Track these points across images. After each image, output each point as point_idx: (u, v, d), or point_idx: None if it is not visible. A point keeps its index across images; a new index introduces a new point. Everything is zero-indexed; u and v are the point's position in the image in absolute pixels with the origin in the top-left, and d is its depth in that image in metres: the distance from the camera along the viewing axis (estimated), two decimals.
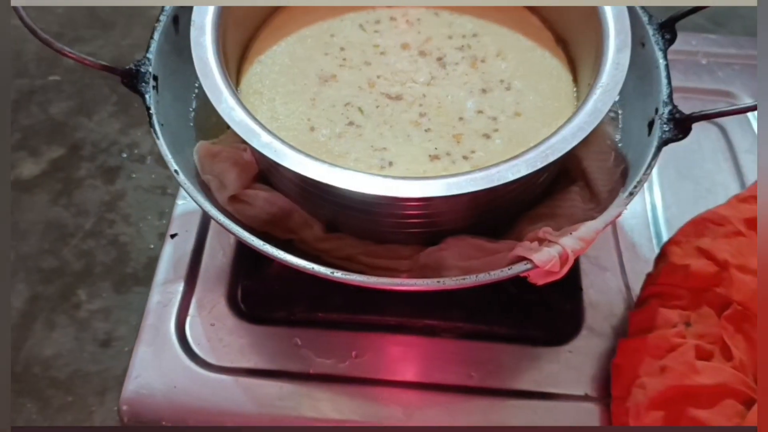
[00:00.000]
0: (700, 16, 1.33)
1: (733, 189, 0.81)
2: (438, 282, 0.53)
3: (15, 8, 0.58)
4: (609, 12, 0.61)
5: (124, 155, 1.15)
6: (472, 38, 0.69)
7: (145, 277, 1.03)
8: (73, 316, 1.00)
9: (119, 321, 1.00)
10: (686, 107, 0.79)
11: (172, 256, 0.75)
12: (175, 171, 0.58)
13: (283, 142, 0.54)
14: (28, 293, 1.01)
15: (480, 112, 0.65)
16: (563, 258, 0.54)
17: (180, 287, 0.73)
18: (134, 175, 1.13)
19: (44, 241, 1.06)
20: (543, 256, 0.53)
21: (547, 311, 0.72)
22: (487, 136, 0.63)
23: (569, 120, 0.55)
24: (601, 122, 0.55)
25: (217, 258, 0.75)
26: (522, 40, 0.69)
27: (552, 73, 0.67)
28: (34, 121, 1.17)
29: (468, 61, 0.68)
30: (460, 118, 0.64)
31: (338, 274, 0.53)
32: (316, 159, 0.53)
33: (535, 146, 0.54)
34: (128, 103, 1.17)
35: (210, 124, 0.68)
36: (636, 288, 0.74)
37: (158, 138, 0.59)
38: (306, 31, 0.69)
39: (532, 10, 0.72)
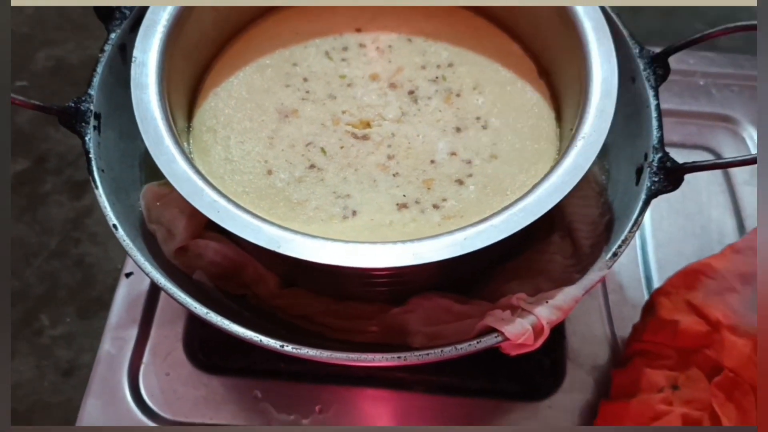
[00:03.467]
0: (700, 23, 1.27)
1: (730, 226, 0.76)
2: (399, 357, 0.48)
3: None
4: (595, 47, 0.55)
5: None
6: (448, 69, 0.64)
7: (111, 301, 0.98)
8: (35, 343, 0.95)
9: (83, 348, 0.95)
10: (682, 133, 0.74)
11: (126, 298, 0.70)
12: (114, 226, 0.52)
13: (228, 200, 0.48)
14: None
15: (453, 154, 0.59)
16: (537, 329, 0.49)
17: (134, 332, 0.68)
18: None
19: None
20: (515, 329, 0.48)
21: (526, 362, 0.67)
22: (460, 182, 0.58)
23: (547, 176, 0.50)
24: (582, 178, 0.49)
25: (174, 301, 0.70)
26: (501, 71, 0.64)
27: (533, 110, 0.62)
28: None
29: (442, 95, 0.62)
30: (432, 161, 0.59)
31: (289, 348, 0.48)
32: (265, 221, 0.47)
33: (508, 207, 0.48)
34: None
35: None
36: (622, 333, 0.70)
37: (96, 187, 0.54)
38: (266, 59, 0.64)
39: (514, 37, 0.66)
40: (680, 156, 0.56)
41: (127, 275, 0.70)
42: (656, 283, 0.72)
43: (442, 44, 0.65)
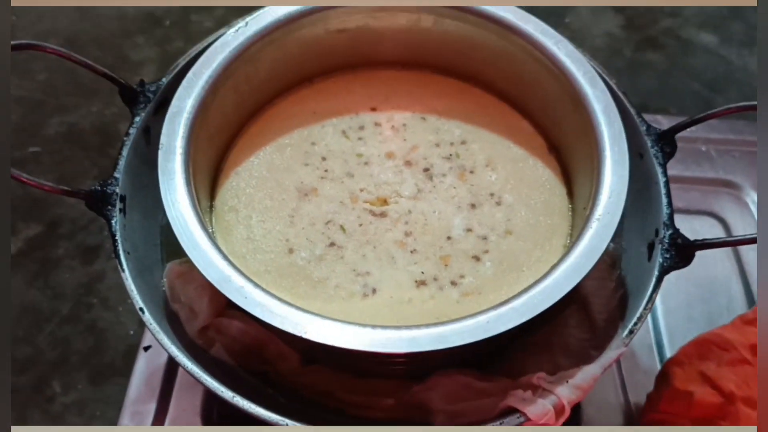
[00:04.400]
0: (697, 83, 1.31)
1: (737, 291, 0.77)
2: None
3: None
4: (605, 130, 0.57)
5: (105, 233, 1.11)
6: (461, 146, 0.66)
7: (123, 367, 0.98)
8: (47, 411, 0.95)
9: (94, 416, 0.95)
10: (687, 199, 0.75)
11: (144, 371, 0.71)
12: (140, 309, 0.54)
13: (254, 285, 0.50)
14: None
15: (469, 230, 0.61)
16: (558, 409, 0.50)
17: (153, 406, 0.69)
18: (113, 255, 1.09)
19: (19, 328, 1.02)
20: (537, 410, 0.49)
21: None
22: (476, 259, 0.59)
23: (564, 258, 0.51)
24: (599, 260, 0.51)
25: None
26: (512, 148, 0.66)
27: (545, 186, 0.64)
28: (11, 196, 1.13)
29: (456, 172, 0.64)
30: (448, 237, 0.60)
31: None
32: (291, 306, 0.49)
33: (528, 289, 0.50)
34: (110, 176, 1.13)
35: None
36: (636, 400, 0.70)
37: (123, 270, 0.55)
38: (285, 139, 0.66)
39: (524, 113, 0.68)
40: (685, 222, 0.58)
41: (146, 349, 0.71)
42: (667, 350, 0.73)
43: (454, 122, 0.67)
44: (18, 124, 1.24)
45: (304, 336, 0.47)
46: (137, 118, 0.62)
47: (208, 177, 0.62)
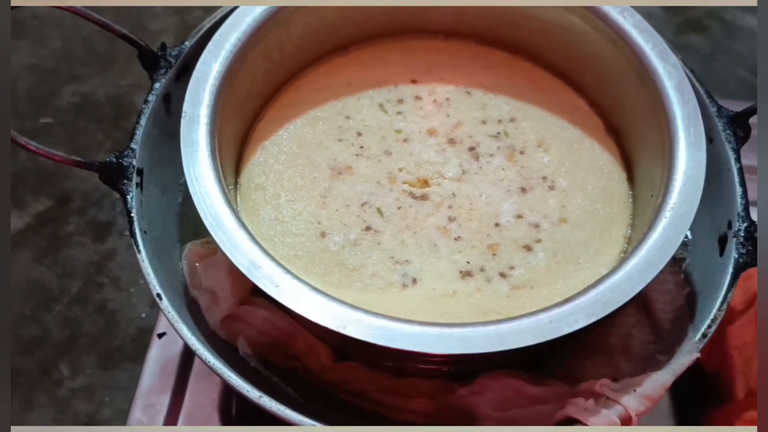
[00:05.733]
0: (742, 68, 1.24)
1: None
2: None
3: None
4: (678, 108, 0.51)
5: (117, 209, 1.05)
6: (509, 124, 0.60)
7: (134, 351, 0.94)
8: (53, 395, 0.91)
9: (103, 402, 0.90)
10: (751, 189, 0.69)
11: (158, 360, 0.66)
12: (158, 295, 0.48)
13: (286, 270, 0.44)
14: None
15: (519, 216, 0.55)
16: (625, 421, 0.44)
17: (167, 398, 0.64)
18: (127, 233, 1.04)
19: (26, 306, 0.97)
20: (601, 421, 0.44)
21: None
22: (527, 248, 0.54)
23: (635, 250, 0.45)
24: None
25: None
26: (567, 128, 0.60)
27: (603, 170, 0.58)
28: (20, 168, 1.08)
29: (504, 152, 0.58)
30: (496, 224, 0.55)
31: None
32: (327, 296, 0.43)
33: (594, 285, 0.44)
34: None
35: None
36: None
37: (139, 251, 0.50)
38: (318, 111, 0.60)
39: (578, 90, 0.62)
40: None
41: (160, 336, 0.65)
42: None
43: (502, 97, 0.61)
44: (29, 93, 1.18)
45: (343, 332, 0.42)
46: (157, 84, 0.57)
47: (233, 151, 0.57)
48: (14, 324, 0.95)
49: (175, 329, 0.47)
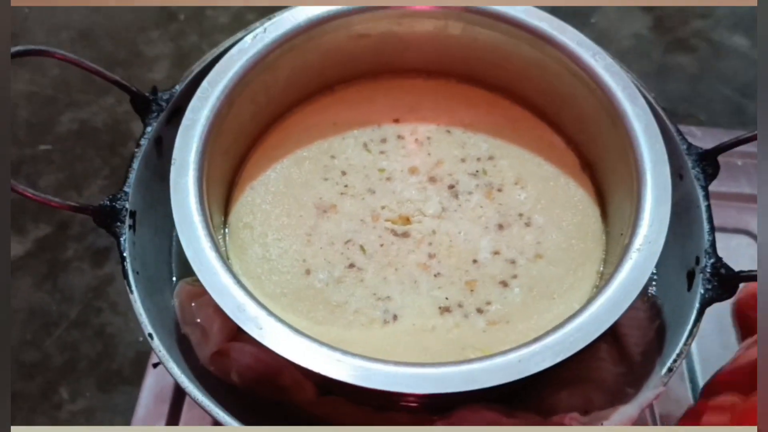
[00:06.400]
0: (728, 88, 1.26)
1: None
2: None
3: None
4: (646, 151, 0.54)
5: None
6: (488, 162, 0.62)
7: (132, 374, 0.96)
8: (54, 418, 0.93)
9: (102, 425, 0.93)
10: (722, 216, 0.72)
11: (153, 388, 0.68)
12: (149, 335, 0.51)
13: (269, 313, 0.47)
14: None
15: (496, 253, 0.57)
16: None
17: (162, 425, 0.66)
18: None
19: (26, 331, 1.00)
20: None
21: None
22: (504, 284, 0.56)
23: (601, 290, 0.48)
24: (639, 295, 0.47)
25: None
26: (543, 165, 0.62)
27: (577, 207, 0.60)
28: (20, 196, 1.11)
29: (483, 190, 0.61)
30: (474, 261, 0.57)
31: None
32: (312, 340, 0.46)
33: (562, 324, 0.46)
34: (120, 176, 1.10)
35: None
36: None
37: (132, 292, 0.52)
38: (304, 151, 0.62)
39: (556, 128, 0.64)
40: (721, 241, 0.54)
41: (155, 365, 0.68)
42: (700, 378, 0.70)
43: (481, 136, 0.64)
44: (29, 120, 1.21)
45: (323, 373, 0.44)
46: (149, 128, 0.59)
47: (222, 191, 0.59)
48: (15, 349, 0.98)
49: (166, 368, 0.49)
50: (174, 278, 0.60)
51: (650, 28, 1.36)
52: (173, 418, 0.66)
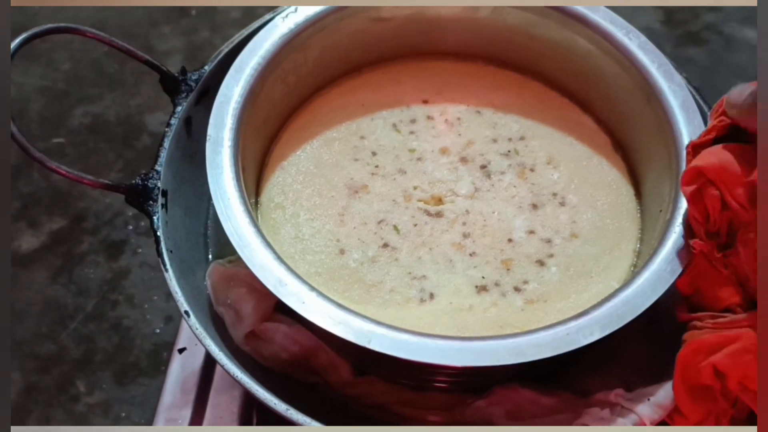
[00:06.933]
0: (742, 80, 1.26)
1: None
2: None
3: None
4: (683, 124, 0.53)
5: (130, 227, 1.07)
6: (519, 142, 0.62)
7: (148, 366, 0.95)
8: (71, 411, 0.92)
9: (120, 417, 0.91)
10: None
11: (179, 375, 0.67)
12: (185, 312, 0.50)
13: (311, 288, 0.46)
14: (23, 383, 0.93)
15: (531, 232, 0.57)
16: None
17: (188, 412, 0.65)
18: (140, 251, 1.05)
19: (42, 324, 0.98)
20: (617, 430, 0.45)
21: None
22: (540, 263, 0.55)
23: (647, 264, 0.47)
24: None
25: (230, 377, 0.67)
26: (575, 145, 0.62)
27: (611, 186, 0.60)
28: (34, 188, 1.10)
29: (515, 169, 0.60)
30: (509, 240, 0.56)
31: None
32: (352, 313, 0.45)
33: (608, 298, 0.46)
34: (134, 170, 1.10)
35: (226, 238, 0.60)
36: None
37: (167, 270, 0.52)
38: (333, 132, 0.62)
39: (585, 109, 0.64)
40: None
41: (180, 351, 0.67)
42: None
43: (512, 116, 0.63)
44: (41, 114, 1.20)
45: (368, 346, 0.43)
46: (179, 108, 0.58)
47: (253, 171, 0.58)
48: (30, 342, 0.97)
49: (203, 344, 0.49)
50: (210, 257, 0.59)
51: (661, 21, 1.36)
52: (200, 405, 0.66)
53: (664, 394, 0.47)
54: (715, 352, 0.44)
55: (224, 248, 0.60)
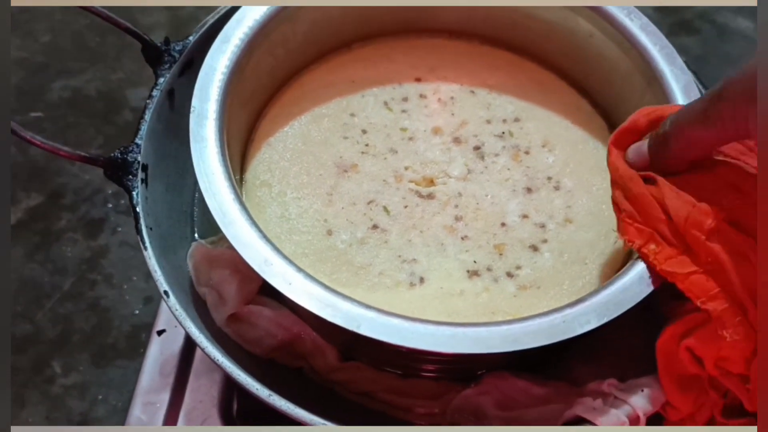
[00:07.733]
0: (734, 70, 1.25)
1: None
2: None
3: None
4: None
5: (109, 205, 1.04)
6: (514, 124, 0.60)
7: (127, 348, 0.93)
8: (46, 392, 0.90)
9: (96, 400, 0.89)
10: None
11: (157, 358, 0.65)
12: (165, 292, 0.48)
13: (298, 269, 0.44)
14: None
15: (525, 216, 0.55)
16: (633, 421, 0.44)
17: (166, 396, 0.63)
18: (119, 229, 1.02)
19: (17, 303, 0.96)
20: (610, 420, 0.44)
21: None
22: (534, 248, 0.54)
23: None
24: None
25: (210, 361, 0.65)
26: (571, 129, 0.60)
27: (607, 171, 0.58)
28: (11, 163, 1.07)
29: (509, 152, 0.58)
30: (502, 224, 0.55)
31: None
32: (340, 296, 0.43)
33: (605, 286, 0.44)
34: (115, 146, 1.06)
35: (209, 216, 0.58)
36: None
37: (146, 248, 0.49)
38: (322, 109, 0.60)
39: (582, 92, 0.62)
40: None
41: (159, 333, 0.65)
42: None
43: (507, 97, 0.61)
44: (19, 87, 1.17)
45: (357, 331, 0.41)
46: (161, 80, 0.56)
47: (238, 147, 0.56)
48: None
49: (183, 326, 0.47)
50: (197, 236, 0.57)
51: (655, 9, 1.34)
52: (179, 388, 0.64)
53: (658, 385, 0.45)
54: (687, 336, 0.44)
55: (207, 227, 0.57)
